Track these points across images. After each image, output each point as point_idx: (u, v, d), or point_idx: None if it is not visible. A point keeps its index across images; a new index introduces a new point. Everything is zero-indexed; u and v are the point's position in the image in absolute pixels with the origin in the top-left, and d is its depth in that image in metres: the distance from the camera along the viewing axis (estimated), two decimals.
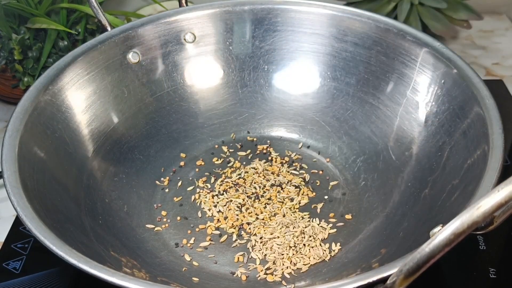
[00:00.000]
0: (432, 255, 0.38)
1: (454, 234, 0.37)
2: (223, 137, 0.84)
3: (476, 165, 0.59)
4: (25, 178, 0.59)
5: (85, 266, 0.49)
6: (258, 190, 0.76)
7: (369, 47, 0.80)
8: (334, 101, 0.83)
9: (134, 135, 0.79)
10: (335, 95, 0.83)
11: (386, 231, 0.67)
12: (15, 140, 0.62)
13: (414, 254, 0.40)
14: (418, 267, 0.39)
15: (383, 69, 0.79)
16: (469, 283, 0.66)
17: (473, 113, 0.65)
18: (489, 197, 0.37)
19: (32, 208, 0.55)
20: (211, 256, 0.68)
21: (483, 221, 0.37)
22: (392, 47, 0.78)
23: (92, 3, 0.78)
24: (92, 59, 0.75)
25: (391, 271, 0.46)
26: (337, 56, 0.82)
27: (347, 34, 0.81)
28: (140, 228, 0.71)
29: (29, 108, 0.66)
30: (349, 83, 0.82)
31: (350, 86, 0.82)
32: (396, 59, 0.77)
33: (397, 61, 0.77)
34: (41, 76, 0.70)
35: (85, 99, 0.74)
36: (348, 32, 0.81)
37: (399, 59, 0.77)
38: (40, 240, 0.52)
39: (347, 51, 0.82)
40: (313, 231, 0.69)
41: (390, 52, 0.78)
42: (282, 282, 0.64)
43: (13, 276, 0.69)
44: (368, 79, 0.80)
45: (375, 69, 0.80)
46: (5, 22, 0.88)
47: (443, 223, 0.54)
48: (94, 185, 0.71)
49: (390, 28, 0.78)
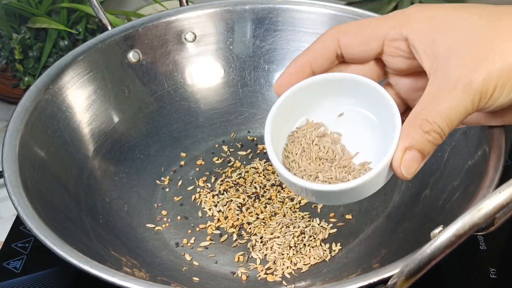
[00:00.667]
0: (433, 257, 0.38)
1: (455, 236, 0.37)
2: (223, 136, 0.84)
3: (477, 166, 0.59)
4: (25, 177, 0.59)
5: (86, 266, 0.50)
6: (259, 190, 0.75)
7: None
8: None
9: (135, 135, 0.79)
10: None
11: (387, 232, 0.68)
12: (16, 140, 0.62)
13: (415, 256, 0.40)
14: (420, 268, 0.39)
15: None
16: (469, 283, 0.66)
17: None
18: (491, 199, 0.37)
19: (33, 208, 0.55)
20: (212, 256, 0.68)
21: (484, 223, 0.37)
22: None
23: (93, 2, 0.78)
24: (92, 59, 0.75)
25: (392, 272, 0.46)
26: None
27: None
28: (141, 227, 0.71)
29: (29, 107, 0.66)
30: None
31: None
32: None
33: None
34: (42, 76, 0.70)
35: (85, 99, 0.74)
36: None
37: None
38: (40, 239, 0.52)
39: None
40: (313, 231, 0.69)
41: None
42: (283, 282, 0.64)
43: (14, 276, 0.69)
44: None
45: None
46: (6, 22, 0.88)
47: (444, 224, 0.54)
48: (95, 184, 0.71)
49: None
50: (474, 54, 0.45)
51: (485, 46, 0.46)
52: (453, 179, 0.63)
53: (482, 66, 0.45)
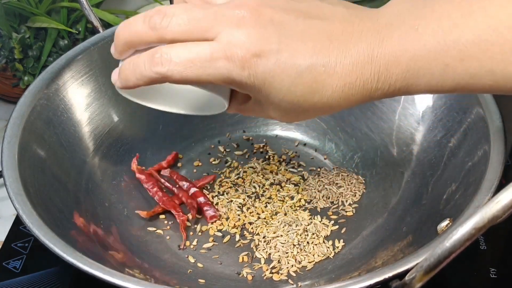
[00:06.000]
0: (453, 250, 0.39)
1: (475, 229, 0.38)
2: (218, 137, 0.84)
3: (477, 165, 0.60)
4: (25, 176, 0.59)
5: (86, 266, 0.50)
6: (258, 190, 0.76)
7: None
8: None
9: (130, 137, 0.78)
10: None
11: (389, 227, 0.68)
12: (16, 139, 0.62)
13: (434, 250, 0.40)
14: (439, 262, 0.40)
15: None
16: (469, 283, 0.66)
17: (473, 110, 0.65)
18: (507, 191, 0.37)
19: (32, 207, 0.55)
20: (216, 257, 0.68)
21: (503, 215, 0.38)
22: None
23: (84, 4, 0.78)
24: (86, 61, 0.75)
25: (406, 267, 0.47)
26: None
27: None
28: (142, 231, 0.70)
29: (25, 112, 0.65)
30: None
31: None
32: None
33: None
34: (36, 79, 0.70)
35: (79, 103, 0.73)
36: None
37: None
38: (40, 239, 0.52)
39: None
40: (315, 229, 0.69)
41: None
42: (289, 280, 0.64)
43: (13, 276, 0.68)
44: None
45: None
46: (6, 21, 0.88)
47: (449, 217, 0.55)
48: (93, 188, 0.71)
49: None
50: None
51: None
52: (453, 178, 0.63)
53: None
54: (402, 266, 0.47)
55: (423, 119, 0.73)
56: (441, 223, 0.56)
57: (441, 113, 0.71)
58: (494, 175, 0.56)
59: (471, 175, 0.60)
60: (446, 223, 0.55)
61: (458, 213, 0.54)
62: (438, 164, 0.68)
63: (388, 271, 0.47)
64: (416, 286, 0.43)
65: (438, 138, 0.70)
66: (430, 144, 0.71)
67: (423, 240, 0.55)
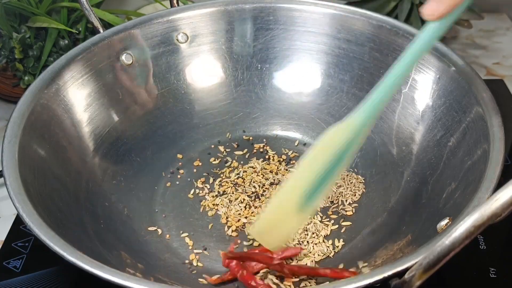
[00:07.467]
0: (453, 248, 0.39)
1: (474, 227, 0.38)
2: (218, 137, 0.84)
3: (477, 164, 0.60)
4: (25, 176, 0.59)
5: (87, 265, 0.50)
6: (258, 189, 0.76)
7: (362, 44, 0.81)
8: (329, 98, 0.83)
9: (130, 137, 0.78)
10: (329, 92, 0.83)
11: (389, 226, 0.68)
12: (16, 139, 0.62)
13: (433, 248, 0.40)
14: (438, 260, 0.40)
15: (377, 66, 0.79)
16: (469, 283, 0.66)
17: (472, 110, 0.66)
18: (507, 189, 0.38)
19: (33, 207, 0.55)
20: (216, 257, 0.68)
21: (502, 213, 0.38)
22: (386, 43, 0.79)
23: (84, 4, 0.78)
24: (86, 61, 0.75)
25: (406, 265, 0.47)
26: (331, 54, 0.83)
27: (340, 32, 0.82)
28: (142, 230, 0.70)
29: (26, 112, 0.65)
30: (343, 80, 0.82)
31: (345, 83, 0.82)
32: (390, 55, 0.78)
33: (390, 57, 0.78)
34: (37, 79, 0.69)
35: (79, 104, 0.73)
36: (342, 30, 0.82)
37: (392, 55, 0.78)
38: (40, 238, 0.52)
39: (341, 48, 0.82)
40: (315, 228, 0.69)
41: (383, 48, 0.79)
42: None
43: (14, 275, 0.68)
44: (362, 76, 0.81)
45: (369, 66, 0.80)
46: (6, 21, 0.87)
47: (448, 216, 0.55)
48: (94, 188, 0.70)
49: (383, 24, 0.79)
50: None
51: None
52: (453, 177, 0.64)
53: None
54: (402, 264, 0.47)
55: (422, 118, 0.73)
56: (440, 222, 0.56)
57: (440, 112, 0.71)
58: (493, 174, 0.56)
59: (470, 174, 0.60)
60: (446, 222, 0.55)
61: (458, 212, 0.54)
62: (438, 163, 0.68)
63: (387, 269, 0.47)
64: (416, 284, 0.43)
65: (438, 138, 0.70)
66: (430, 143, 0.71)
67: (422, 239, 0.55)
